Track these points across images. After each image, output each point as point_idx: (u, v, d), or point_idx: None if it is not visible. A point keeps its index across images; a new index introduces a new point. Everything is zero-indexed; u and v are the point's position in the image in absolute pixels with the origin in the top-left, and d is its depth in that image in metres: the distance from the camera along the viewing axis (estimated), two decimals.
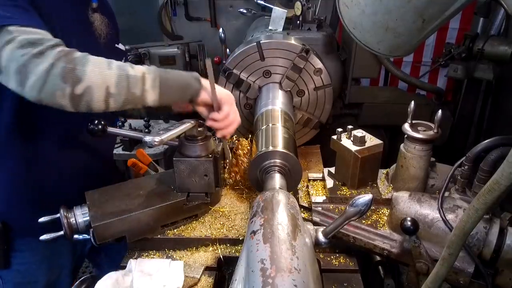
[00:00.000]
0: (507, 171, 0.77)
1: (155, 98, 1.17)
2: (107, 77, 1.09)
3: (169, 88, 1.19)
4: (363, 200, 1.00)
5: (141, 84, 1.14)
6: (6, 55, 1.03)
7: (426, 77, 3.72)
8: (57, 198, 1.40)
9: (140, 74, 1.14)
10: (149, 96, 1.16)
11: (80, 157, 1.54)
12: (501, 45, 2.50)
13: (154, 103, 1.18)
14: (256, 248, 0.91)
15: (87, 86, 1.06)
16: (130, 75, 1.13)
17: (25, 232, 1.44)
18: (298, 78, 1.88)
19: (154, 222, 1.37)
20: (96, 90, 1.08)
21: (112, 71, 1.10)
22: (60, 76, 1.03)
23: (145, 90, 1.14)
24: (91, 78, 1.06)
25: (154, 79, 1.16)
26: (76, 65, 1.05)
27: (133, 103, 1.15)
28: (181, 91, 1.23)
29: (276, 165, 1.40)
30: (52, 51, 1.05)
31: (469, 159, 1.20)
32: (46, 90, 1.04)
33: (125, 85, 1.11)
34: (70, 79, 1.04)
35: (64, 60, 1.04)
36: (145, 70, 1.16)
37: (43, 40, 1.06)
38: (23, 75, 1.03)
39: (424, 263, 1.17)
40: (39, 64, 1.02)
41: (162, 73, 1.19)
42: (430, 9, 1.14)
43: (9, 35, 1.03)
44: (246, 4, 3.66)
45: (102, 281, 1.20)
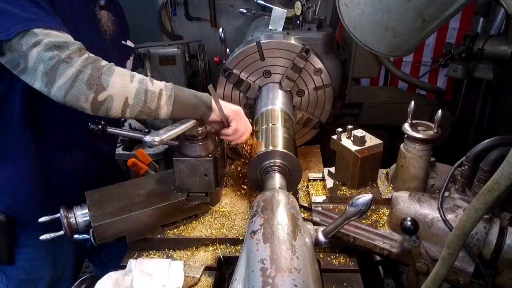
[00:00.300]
0: (507, 171, 0.77)
1: (167, 113, 1.26)
2: (128, 89, 1.18)
3: (181, 106, 1.28)
4: (363, 200, 1.00)
5: (157, 99, 1.23)
6: (34, 57, 1.09)
7: (426, 77, 3.72)
8: (62, 194, 1.43)
9: (158, 90, 1.23)
10: (162, 111, 1.25)
11: (83, 155, 1.55)
12: (501, 45, 2.50)
13: (166, 117, 1.27)
14: (256, 248, 0.91)
15: (109, 95, 1.15)
16: (149, 90, 1.22)
17: (30, 227, 1.45)
18: (298, 78, 1.88)
19: (154, 222, 1.37)
20: (116, 100, 1.17)
21: (133, 84, 1.20)
22: (86, 83, 1.12)
23: (160, 105, 1.24)
24: (114, 88, 1.16)
25: (170, 96, 1.25)
26: (102, 74, 1.14)
27: (146, 115, 1.25)
28: (192, 111, 1.32)
29: (276, 165, 1.40)
30: (80, 57, 1.13)
31: (469, 159, 1.20)
32: (72, 94, 1.12)
33: (142, 99, 1.21)
34: (95, 87, 1.13)
35: (91, 67, 1.13)
36: (163, 87, 1.25)
37: (68, 43, 1.12)
38: (51, 78, 1.10)
39: (424, 263, 1.17)
40: (67, 69, 1.10)
41: (177, 91, 1.28)
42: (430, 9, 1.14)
43: (35, 38, 1.09)
44: (246, 4, 3.66)
45: (102, 281, 1.20)
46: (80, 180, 1.53)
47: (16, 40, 1.08)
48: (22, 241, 1.50)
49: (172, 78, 3.37)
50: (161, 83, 1.27)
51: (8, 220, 1.44)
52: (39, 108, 1.34)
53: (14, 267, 1.53)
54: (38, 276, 1.58)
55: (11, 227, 1.46)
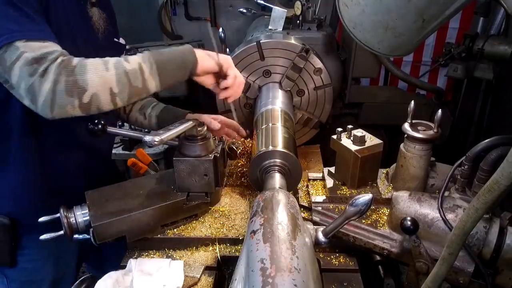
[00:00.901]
0: (507, 170, 0.77)
1: (156, 84, 1.21)
2: (108, 79, 1.13)
3: (167, 70, 1.22)
4: (363, 200, 1.00)
5: (140, 76, 1.17)
6: (16, 74, 1.07)
7: (426, 76, 3.72)
8: (63, 195, 1.42)
9: (137, 66, 1.17)
10: (151, 84, 1.20)
11: (83, 156, 1.55)
12: (501, 45, 2.50)
13: (157, 89, 1.22)
14: (256, 248, 0.91)
15: (92, 93, 1.11)
16: (128, 70, 1.16)
17: (32, 229, 1.44)
18: (298, 78, 1.88)
19: (154, 222, 1.37)
20: (101, 95, 1.12)
21: (110, 72, 1.13)
22: (65, 92, 1.08)
23: (145, 79, 1.18)
24: (93, 85, 1.11)
25: (151, 67, 1.19)
26: (76, 75, 1.09)
27: (138, 95, 1.20)
28: (179, 69, 1.26)
29: (276, 164, 1.40)
30: (53, 65, 1.07)
31: (469, 159, 1.19)
32: (57, 107, 1.09)
33: (126, 82, 1.15)
34: (75, 92, 1.09)
35: (64, 73, 1.08)
36: (140, 60, 1.18)
37: (47, 54, 1.08)
38: (33, 95, 1.08)
39: (424, 262, 1.17)
40: (43, 84, 1.06)
41: (156, 57, 1.21)
42: (430, 8, 1.14)
43: (17, 52, 1.06)
44: (246, 3, 3.66)
45: (102, 280, 1.20)
46: (80, 180, 1.53)
47: (1, 53, 1.05)
48: (24, 243, 1.50)
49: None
50: (137, 56, 1.20)
51: (12, 223, 1.44)
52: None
53: (16, 269, 1.52)
54: (40, 278, 1.57)
55: (15, 230, 1.46)
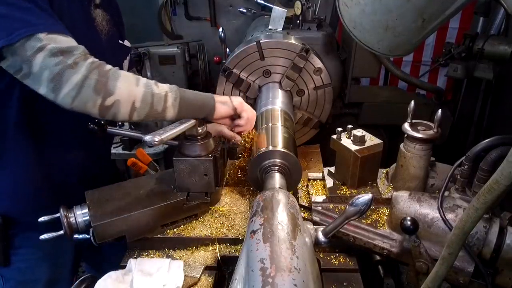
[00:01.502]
0: (507, 170, 0.77)
1: (173, 115, 1.28)
2: (135, 93, 1.19)
3: (187, 107, 1.31)
4: (363, 200, 1.00)
5: (163, 102, 1.24)
6: (39, 63, 1.08)
7: (426, 76, 3.73)
8: (61, 195, 1.43)
9: (164, 93, 1.25)
10: (169, 112, 1.26)
11: (81, 155, 1.55)
12: (501, 45, 2.50)
13: (172, 118, 1.29)
14: (256, 248, 0.91)
15: (116, 99, 1.15)
16: (155, 93, 1.23)
17: (28, 228, 1.45)
18: (298, 78, 1.88)
19: (154, 222, 1.37)
20: (124, 104, 1.18)
21: (139, 88, 1.20)
22: (93, 88, 1.12)
23: (166, 107, 1.25)
24: (121, 92, 1.16)
25: (175, 98, 1.27)
26: (108, 79, 1.14)
27: (153, 117, 1.26)
28: (197, 110, 1.35)
29: (276, 164, 1.40)
30: (85, 62, 1.12)
31: (469, 159, 1.19)
32: (79, 100, 1.12)
33: (149, 102, 1.22)
34: (102, 92, 1.13)
35: (97, 73, 1.12)
36: (167, 89, 1.27)
37: (72, 48, 1.12)
38: (57, 84, 1.09)
39: (424, 262, 1.17)
40: (73, 75, 1.09)
41: (182, 92, 1.30)
42: (430, 8, 1.14)
43: (39, 43, 1.08)
44: (246, 3, 3.66)
45: (102, 280, 1.20)
46: (79, 179, 1.52)
47: (19, 45, 1.07)
48: (19, 243, 1.50)
49: (171, 78, 3.38)
50: (166, 85, 1.28)
51: (4, 222, 1.43)
52: (37, 109, 1.34)
53: (11, 269, 1.52)
54: (36, 277, 1.57)
55: (8, 228, 1.45)
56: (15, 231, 1.48)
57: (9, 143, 1.36)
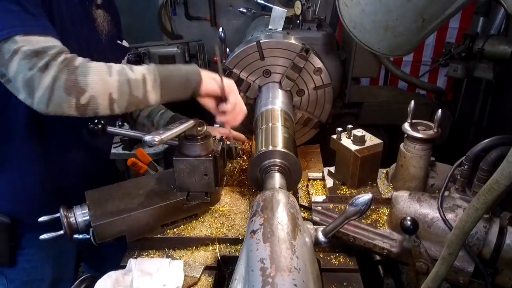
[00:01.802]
0: (507, 170, 0.77)
1: (157, 98, 1.20)
2: (109, 84, 1.12)
3: (170, 86, 1.21)
4: (363, 200, 1.00)
5: (142, 86, 1.16)
6: (14, 67, 1.05)
7: (426, 76, 3.73)
8: (63, 195, 1.43)
9: (141, 77, 1.17)
10: (151, 96, 1.18)
11: (83, 155, 1.55)
12: (501, 45, 2.50)
13: (156, 102, 1.21)
14: (256, 248, 0.91)
15: (90, 96, 1.10)
16: (131, 79, 1.15)
17: (33, 228, 1.44)
18: (298, 78, 1.88)
19: (154, 222, 1.37)
20: (100, 98, 1.11)
21: (113, 77, 1.13)
22: (64, 89, 1.07)
23: (147, 91, 1.17)
24: (93, 88, 1.09)
25: (154, 80, 1.18)
26: (78, 75, 1.08)
27: (136, 105, 1.19)
28: (182, 87, 1.25)
29: (276, 164, 1.40)
30: (55, 61, 1.06)
31: (469, 159, 1.19)
32: (53, 103, 1.07)
33: (127, 90, 1.14)
34: (74, 92, 1.08)
35: (66, 71, 1.07)
36: (145, 71, 1.17)
37: (47, 48, 1.07)
38: (31, 89, 1.06)
39: (424, 262, 1.17)
40: (43, 78, 1.05)
41: (162, 71, 1.20)
42: (430, 8, 1.14)
43: (15, 45, 1.05)
44: (246, 3, 3.66)
45: (102, 280, 1.20)
46: (80, 179, 1.53)
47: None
48: (24, 243, 1.50)
49: None
50: (142, 67, 1.20)
51: (12, 222, 1.44)
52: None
53: (15, 269, 1.52)
54: (39, 278, 1.57)
55: (15, 230, 1.45)
56: (21, 231, 1.48)
57: (17, 144, 1.36)
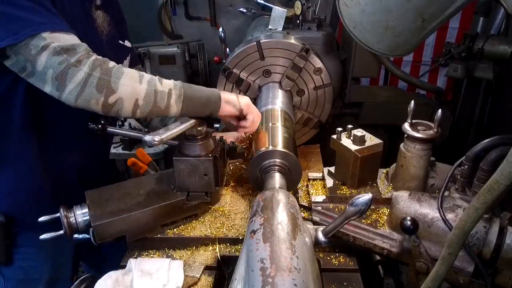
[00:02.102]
0: (507, 170, 0.77)
1: (177, 112, 1.28)
2: (138, 91, 1.20)
3: (191, 104, 1.30)
4: (363, 200, 1.00)
5: (166, 99, 1.25)
6: (43, 62, 1.09)
7: (426, 76, 3.73)
8: (62, 194, 1.44)
9: (167, 90, 1.25)
10: (172, 110, 1.27)
11: (82, 155, 1.55)
12: (501, 45, 2.50)
13: (176, 115, 1.30)
14: (256, 248, 0.91)
15: (119, 97, 1.16)
16: (158, 90, 1.23)
17: (29, 227, 1.45)
18: (298, 78, 1.88)
19: (154, 222, 1.37)
20: (126, 102, 1.19)
21: (143, 85, 1.21)
22: (96, 87, 1.13)
23: (170, 105, 1.26)
24: (123, 90, 1.17)
25: (179, 95, 1.27)
26: (111, 77, 1.15)
27: (156, 114, 1.27)
28: (202, 107, 1.34)
29: (276, 164, 1.40)
30: (88, 59, 1.13)
31: (469, 159, 1.19)
32: (82, 98, 1.13)
33: (152, 99, 1.22)
34: (105, 90, 1.14)
35: (99, 70, 1.13)
36: (172, 86, 1.27)
37: (76, 46, 1.13)
38: (62, 82, 1.11)
39: (424, 262, 1.17)
40: (77, 73, 1.11)
41: (187, 89, 1.30)
42: (430, 8, 1.14)
43: (43, 42, 1.09)
44: (246, 3, 3.66)
45: (102, 280, 1.20)
46: (79, 179, 1.53)
47: (23, 44, 1.08)
48: (20, 242, 1.50)
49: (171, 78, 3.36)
50: (170, 82, 1.28)
51: (7, 221, 1.44)
52: (40, 109, 1.34)
53: (12, 268, 1.52)
54: (37, 277, 1.57)
55: (10, 227, 1.46)
56: (17, 230, 1.48)
57: (14, 142, 1.37)
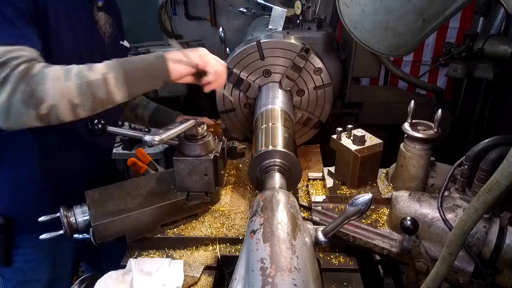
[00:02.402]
0: (507, 170, 0.77)
1: (123, 95, 1.15)
2: (67, 90, 1.06)
3: (135, 81, 1.15)
4: (362, 200, 1.00)
5: (104, 86, 1.10)
6: None
7: (426, 76, 3.72)
8: (62, 195, 1.43)
9: (101, 76, 1.10)
10: (117, 95, 1.14)
11: (83, 155, 1.55)
12: (501, 45, 2.50)
13: (124, 99, 1.16)
14: (256, 247, 0.91)
15: (50, 105, 1.05)
16: (91, 80, 1.09)
17: (29, 228, 1.44)
18: (298, 78, 1.88)
19: (154, 222, 1.37)
20: (61, 106, 1.06)
21: (71, 82, 1.07)
22: (21, 102, 1.02)
23: (110, 91, 1.12)
24: (51, 95, 1.04)
25: (117, 77, 1.12)
26: (35, 85, 1.03)
27: (102, 106, 1.14)
28: (150, 79, 1.19)
29: (276, 164, 1.39)
30: (14, 73, 1.01)
31: (469, 159, 1.20)
32: (12, 118, 1.03)
33: (88, 93, 1.09)
34: (33, 103, 1.03)
35: (23, 83, 1.02)
36: (105, 70, 1.11)
37: (10, 59, 1.02)
38: None
39: (424, 262, 1.17)
40: (1, 93, 1.00)
41: (124, 66, 1.14)
42: (430, 8, 1.14)
43: None
44: (246, 3, 3.66)
45: (102, 280, 1.20)
46: (80, 179, 1.52)
47: None
48: (20, 243, 1.50)
49: None
50: (103, 65, 1.13)
51: (6, 222, 1.43)
52: None
53: (11, 269, 1.52)
54: (36, 278, 1.57)
55: (9, 229, 1.45)
56: (17, 231, 1.48)
57: (12, 143, 1.36)
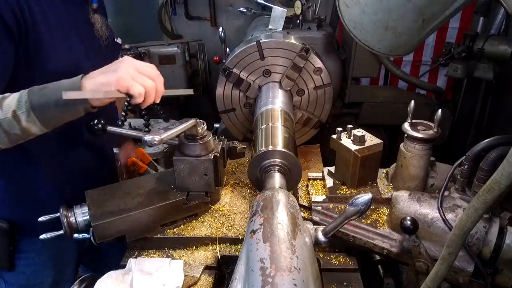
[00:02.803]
0: (507, 170, 0.77)
1: (40, 129, 1.11)
2: None
3: (49, 114, 1.10)
4: (362, 200, 1.00)
5: (16, 124, 1.07)
6: None
7: (426, 76, 3.72)
8: (63, 197, 1.41)
9: (11, 114, 1.06)
10: (32, 129, 1.10)
11: (84, 155, 1.54)
12: (501, 45, 2.50)
13: (42, 131, 1.12)
14: (256, 247, 0.91)
15: None
16: (1, 120, 1.05)
17: (31, 233, 1.44)
18: (298, 77, 1.88)
19: (154, 221, 1.37)
20: None
21: None
22: None
23: (24, 128, 1.08)
24: None
25: (27, 114, 1.06)
26: None
27: (22, 139, 1.12)
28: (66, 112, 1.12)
29: (276, 164, 1.39)
30: None
31: (469, 159, 1.20)
32: None
33: (1, 131, 1.07)
34: None
35: None
36: (15, 106, 1.06)
37: None
38: None
39: (424, 262, 1.18)
40: None
41: (35, 101, 1.07)
42: (430, 8, 1.14)
43: None
44: (246, 3, 3.67)
45: (102, 280, 1.20)
46: (80, 179, 1.52)
47: None
48: (23, 247, 1.49)
49: (171, 78, 3.38)
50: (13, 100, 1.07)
51: (10, 227, 1.43)
52: None
53: (14, 273, 1.51)
54: (39, 281, 1.57)
55: (13, 233, 1.45)
56: (20, 235, 1.47)
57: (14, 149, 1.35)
